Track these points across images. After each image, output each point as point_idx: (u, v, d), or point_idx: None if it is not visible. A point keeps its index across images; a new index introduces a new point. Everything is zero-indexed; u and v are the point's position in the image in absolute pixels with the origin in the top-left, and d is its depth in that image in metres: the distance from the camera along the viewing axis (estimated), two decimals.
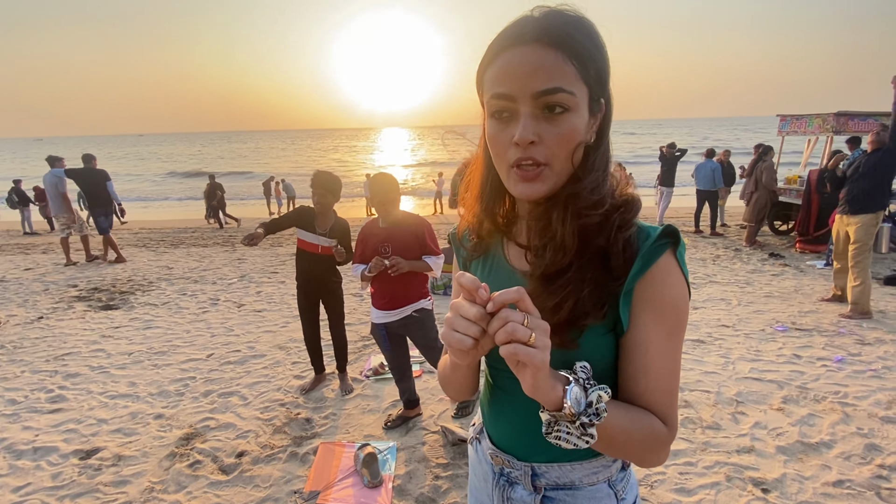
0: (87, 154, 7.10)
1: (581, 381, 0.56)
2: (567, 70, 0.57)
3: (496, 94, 0.60)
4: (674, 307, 0.62)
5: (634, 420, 0.61)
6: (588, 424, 0.54)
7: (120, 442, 2.62)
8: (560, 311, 0.60)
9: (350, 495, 2.14)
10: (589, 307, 0.61)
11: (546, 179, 0.61)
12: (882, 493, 2.04)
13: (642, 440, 0.61)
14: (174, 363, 3.66)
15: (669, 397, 0.63)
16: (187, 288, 5.84)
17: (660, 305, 0.61)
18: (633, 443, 0.60)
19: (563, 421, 0.55)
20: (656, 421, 0.62)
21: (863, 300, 4.08)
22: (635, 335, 0.62)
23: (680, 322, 0.63)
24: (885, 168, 4.02)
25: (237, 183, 24.90)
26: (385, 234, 2.46)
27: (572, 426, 0.55)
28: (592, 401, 0.55)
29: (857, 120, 6.43)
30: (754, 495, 2.07)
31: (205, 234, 10.73)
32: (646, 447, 0.61)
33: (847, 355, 3.39)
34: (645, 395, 0.63)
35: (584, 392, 0.56)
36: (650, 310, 0.61)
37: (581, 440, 0.55)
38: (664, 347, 0.62)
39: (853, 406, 2.74)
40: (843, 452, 2.33)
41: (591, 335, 0.63)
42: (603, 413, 0.55)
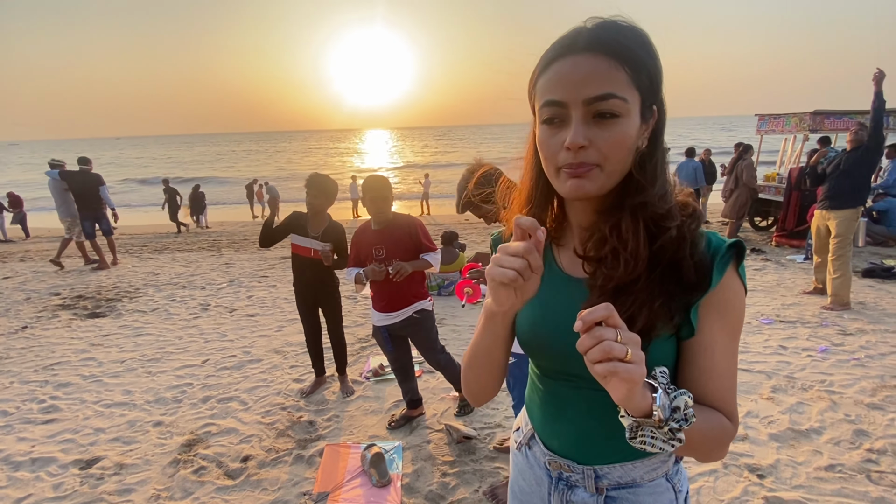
0: (83, 157, 7.00)
1: (663, 386, 0.58)
2: (619, 76, 0.59)
3: (548, 101, 0.62)
4: (737, 312, 0.65)
5: (709, 420, 0.63)
6: (677, 430, 0.56)
7: (120, 450, 2.58)
8: (634, 324, 0.62)
9: (360, 495, 2.15)
10: (661, 318, 0.63)
11: (595, 179, 0.62)
12: (872, 476, 2.14)
13: (715, 438, 0.64)
14: (169, 370, 3.61)
15: (732, 395, 0.67)
16: (176, 294, 5.74)
17: (724, 311, 0.65)
18: (707, 442, 0.63)
19: (649, 426, 0.56)
20: (724, 419, 0.66)
21: (843, 292, 4.25)
22: (702, 339, 0.65)
23: (740, 325, 0.66)
24: (864, 166, 4.17)
25: (219, 188, 24.47)
26: (378, 236, 2.47)
27: (659, 431, 0.56)
28: (679, 406, 0.56)
29: (832, 118, 6.69)
30: (751, 481, 2.15)
31: (188, 239, 10.55)
32: (717, 445, 0.65)
33: (830, 345, 3.53)
34: (712, 395, 0.66)
35: (668, 397, 0.57)
36: (716, 315, 0.65)
37: (667, 444, 0.56)
38: (727, 349, 0.65)
39: (839, 394, 2.86)
40: (832, 438, 2.44)
41: (658, 342, 0.65)
42: (692, 418, 0.56)
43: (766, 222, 8.17)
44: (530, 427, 0.85)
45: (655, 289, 0.63)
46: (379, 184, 2.44)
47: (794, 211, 6.73)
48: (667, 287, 0.64)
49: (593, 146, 0.60)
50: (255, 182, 16.08)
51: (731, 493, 2.07)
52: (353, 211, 14.71)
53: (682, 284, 0.64)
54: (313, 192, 2.83)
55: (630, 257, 0.63)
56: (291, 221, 2.93)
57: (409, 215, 2.57)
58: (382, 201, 2.42)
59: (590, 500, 0.76)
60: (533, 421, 0.85)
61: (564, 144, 0.61)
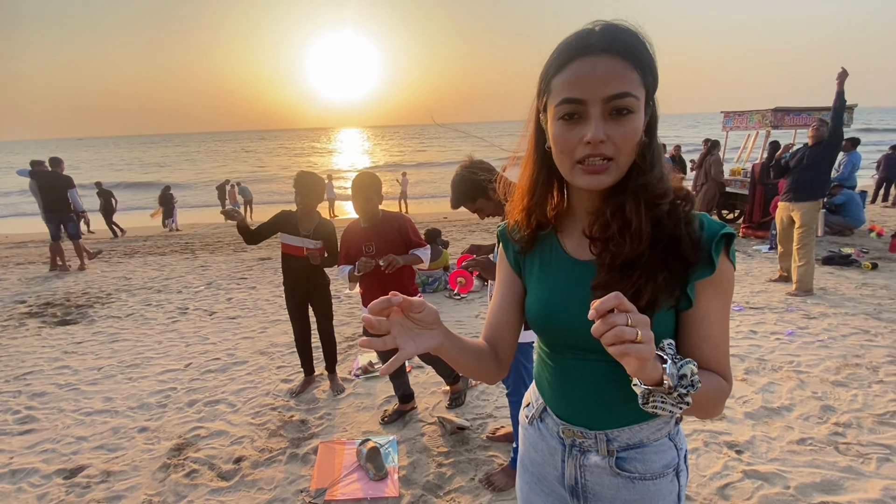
0: (54, 157, 6.81)
1: (671, 357, 0.63)
2: (633, 77, 0.66)
3: (568, 98, 0.67)
4: (729, 286, 0.73)
5: (710, 382, 0.70)
6: (685, 395, 0.62)
7: (105, 458, 2.52)
8: (641, 297, 0.68)
9: (358, 489, 2.17)
10: (664, 291, 0.70)
11: (611, 172, 0.69)
12: (840, 448, 2.30)
13: (715, 398, 0.72)
14: (150, 375, 3.52)
15: (727, 358, 0.75)
16: (151, 298, 5.58)
17: (718, 285, 0.72)
18: (708, 402, 0.70)
19: (660, 393, 0.62)
20: (721, 380, 0.73)
21: (807, 279, 4.50)
22: (699, 310, 0.72)
23: (731, 295, 0.74)
24: (825, 160, 4.42)
25: (193, 192, 23.69)
26: (368, 233, 2.48)
27: (668, 397, 0.62)
28: (686, 374, 0.62)
29: (792, 115, 7.03)
30: (730, 456, 2.28)
31: (159, 242, 10.22)
32: (716, 403, 0.72)
33: (797, 329, 3.74)
34: (709, 359, 0.73)
35: (676, 367, 0.62)
36: (711, 289, 0.72)
37: (676, 408, 0.62)
38: (721, 317, 0.73)
39: (806, 373, 3.04)
40: (802, 414, 2.60)
41: (660, 313, 0.72)
42: (698, 384, 0.62)
43: (733, 214, 8.53)
44: (542, 401, 0.91)
45: (658, 264, 0.70)
46: (368, 181, 2.44)
47: (759, 203, 7.06)
48: (667, 263, 0.71)
49: (610, 140, 0.67)
50: (227, 183, 15.70)
51: (712, 469, 2.19)
52: (329, 211, 14.54)
53: (680, 260, 0.71)
54: (302, 191, 2.82)
55: (635, 234, 0.70)
56: (280, 220, 2.91)
57: (397, 213, 2.59)
58: (370, 199, 2.42)
59: (602, 462, 0.82)
60: (544, 395, 0.91)
61: (585, 139, 0.67)
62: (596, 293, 0.71)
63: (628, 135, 0.67)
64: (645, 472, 0.81)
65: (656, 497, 0.82)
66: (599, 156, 0.67)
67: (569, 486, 0.87)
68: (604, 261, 0.73)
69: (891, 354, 3.23)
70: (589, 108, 0.66)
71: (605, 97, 0.65)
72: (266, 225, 2.94)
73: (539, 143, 0.79)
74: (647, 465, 0.81)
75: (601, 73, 0.65)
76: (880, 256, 5.70)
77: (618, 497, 0.83)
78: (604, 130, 0.66)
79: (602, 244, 0.74)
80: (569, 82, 0.67)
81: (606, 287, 0.71)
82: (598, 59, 0.65)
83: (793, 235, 4.59)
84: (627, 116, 0.66)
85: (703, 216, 0.74)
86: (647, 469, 0.81)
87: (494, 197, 1.89)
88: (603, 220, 0.73)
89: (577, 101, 0.66)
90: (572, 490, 0.87)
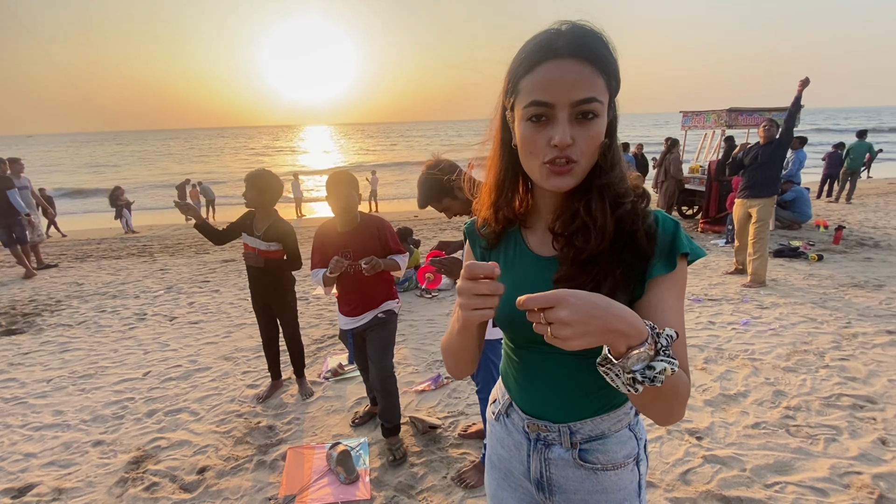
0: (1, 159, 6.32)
1: (660, 346, 0.60)
2: (598, 82, 0.67)
3: (536, 101, 0.68)
4: (682, 278, 0.75)
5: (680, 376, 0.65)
6: (638, 382, 0.59)
7: (56, 475, 2.38)
8: (600, 290, 0.69)
9: (329, 493, 2.14)
10: (621, 285, 0.72)
11: (575, 174, 0.71)
12: (791, 430, 2.43)
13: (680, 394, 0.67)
14: (105, 385, 3.35)
15: (684, 349, 0.71)
16: (105, 304, 5.30)
17: (672, 277, 0.74)
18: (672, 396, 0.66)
19: (617, 366, 0.60)
20: (683, 374, 0.67)
21: (761, 271, 4.75)
22: (652, 298, 0.73)
23: (684, 286, 0.76)
24: (777, 158, 4.68)
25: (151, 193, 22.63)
26: (345, 238, 2.32)
27: (623, 374, 0.60)
28: (655, 368, 0.59)
29: (745, 115, 7.38)
30: (691, 443, 2.38)
31: (114, 245, 9.73)
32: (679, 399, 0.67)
33: (751, 318, 3.94)
34: None
35: (655, 356, 0.60)
36: (667, 281, 0.73)
37: (623, 387, 0.61)
38: (676, 306, 0.74)
39: (760, 360, 3.20)
40: (756, 400, 2.74)
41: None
42: (657, 382, 0.59)
43: (692, 210, 8.87)
44: (507, 397, 0.93)
45: (616, 259, 0.73)
46: (346, 178, 2.27)
47: (715, 199, 7.38)
48: (625, 258, 0.73)
49: (576, 143, 0.68)
50: (187, 182, 15.09)
51: (675, 456, 2.28)
52: (296, 210, 14.23)
53: (637, 255, 0.73)
54: (248, 190, 2.69)
55: (599, 232, 0.72)
56: (242, 220, 2.81)
57: (377, 216, 2.42)
58: (351, 198, 2.26)
59: (566, 455, 0.84)
60: (510, 391, 0.92)
61: (552, 142, 0.68)
62: (558, 287, 0.72)
63: (592, 138, 0.69)
64: (607, 462, 0.83)
65: (617, 487, 0.84)
66: (565, 158, 0.68)
67: (534, 480, 0.89)
68: (567, 256, 0.75)
69: (835, 341, 3.44)
70: (557, 112, 0.67)
71: (573, 102, 0.67)
72: (233, 225, 2.83)
73: (505, 142, 0.80)
74: (608, 455, 0.83)
75: (570, 79, 0.66)
76: (825, 248, 6.07)
77: (581, 488, 0.85)
78: (570, 133, 0.67)
79: (565, 240, 0.76)
80: (538, 85, 0.68)
81: (568, 281, 0.73)
82: (566, 64, 0.66)
83: (749, 230, 4.83)
84: (592, 121, 0.68)
85: (657, 213, 0.77)
86: (608, 460, 0.83)
87: (460, 196, 1.90)
88: (567, 217, 0.75)
89: (546, 104, 0.67)
90: (538, 483, 0.88)
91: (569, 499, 0.87)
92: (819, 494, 1.99)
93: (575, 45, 0.66)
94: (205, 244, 9.17)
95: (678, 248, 0.74)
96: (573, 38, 0.67)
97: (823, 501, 1.95)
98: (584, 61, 0.66)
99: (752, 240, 4.76)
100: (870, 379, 2.89)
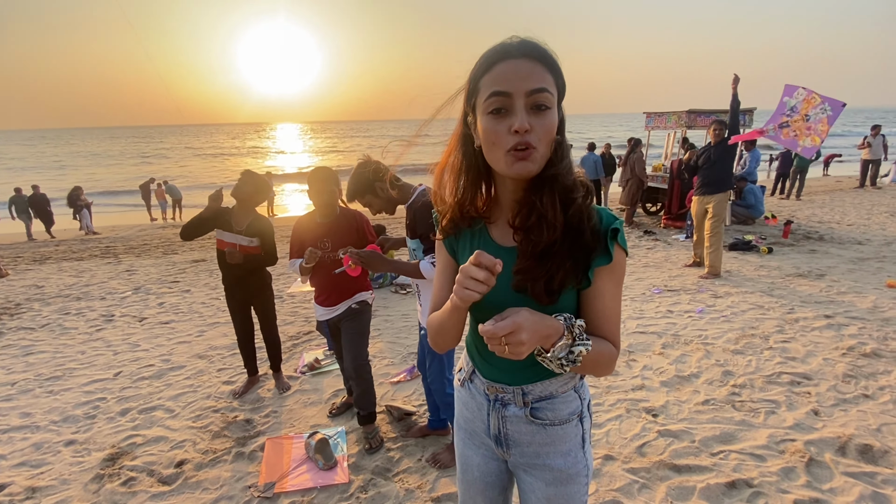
0: None
1: (575, 335, 0.81)
2: (548, 77, 0.79)
3: (496, 91, 0.78)
4: (621, 269, 0.88)
5: (599, 348, 0.85)
6: (564, 364, 0.81)
7: (28, 475, 2.36)
8: (553, 282, 0.83)
9: (308, 479, 2.21)
10: (570, 275, 0.84)
11: (535, 160, 0.80)
12: (736, 405, 2.66)
13: (603, 362, 0.87)
14: (74, 387, 3.30)
15: (618, 328, 0.91)
16: (70, 306, 5.16)
17: (612, 269, 0.87)
18: (597, 365, 0.86)
19: (546, 357, 0.81)
20: (610, 346, 0.88)
21: (717, 263, 5.07)
22: (595, 288, 0.87)
23: (623, 275, 0.89)
24: (728, 156, 5.01)
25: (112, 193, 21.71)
26: (324, 228, 2.40)
27: (553, 361, 0.81)
28: (574, 352, 0.80)
29: (703, 116, 7.78)
30: (647, 420, 2.57)
31: (74, 247, 9.40)
32: (602, 366, 0.88)
33: (705, 307, 4.21)
34: (602, 328, 0.89)
35: (573, 342, 0.80)
36: (606, 273, 0.87)
37: (558, 369, 0.83)
38: (614, 294, 0.88)
39: (712, 344, 3.45)
40: (707, 380, 2.97)
41: (566, 293, 0.86)
42: (578, 362, 0.81)
43: (655, 207, 9.27)
44: (471, 365, 1.05)
45: (566, 253, 0.84)
46: (328, 175, 2.34)
47: (677, 197, 7.75)
48: (573, 252, 0.85)
49: (533, 131, 0.78)
50: (151, 181, 14.62)
51: (633, 431, 2.46)
52: (268, 209, 14.01)
53: (583, 248, 0.85)
54: (245, 185, 2.75)
55: (550, 224, 0.82)
56: (216, 216, 2.82)
57: (355, 210, 2.49)
58: (333, 193, 2.35)
59: (519, 413, 0.98)
60: (473, 360, 1.05)
61: (513, 128, 0.77)
62: (517, 277, 0.86)
63: (547, 127, 0.79)
64: (554, 418, 0.97)
65: (564, 439, 0.98)
66: (525, 144, 0.78)
67: (493, 436, 1.02)
68: (525, 248, 0.86)
69: (779, 325, 3.73)
70: (514, 101, 0.77)
71: (528, 90, 0.77)
72: (205, 222, 2.81)
73: (467, 146, 0.89)
74: (556, 412, 0.97)
75: (524, 72, 0.77)
76: (775, 242, 6.49)
77: (533, 441, 0.98)
78: (528, 121, 0.77)
79: (523, 234, 0.86)
80: (495, 79, 0.78)
81: (526, 273, 0.85)
82: (519, 62, 0.78)
83: (706, 226, 5.14)
84: (545, 111, 0.79)
85: (601, 210, 0.88)
86: (555, 416, 0.97)
87: (382, 195, 2.07)
88: (525, 212, 0.85)
89: (504, 93, 0.77)
90: (496, 439, 1.01)
91: (523, 451, 1.00)
92: (757, 460, 2.20)
93: (526, 48, 0.79)
94: (172, 244, 8.98)
95: (615, 241, 0.85)
96: (523, 44, 0.79)
97: (761, 465, 2.16)
98: (535, 60, 0.78)
99: (709, 234, 5.07)
100: (807, 358, 3.17)
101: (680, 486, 2.06)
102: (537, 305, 0.84)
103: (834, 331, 3.57)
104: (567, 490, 0.99)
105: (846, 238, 6.57)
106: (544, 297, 0.83)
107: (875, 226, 7.32)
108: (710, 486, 2.04)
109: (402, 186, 2.10)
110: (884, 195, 10.42)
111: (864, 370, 2.98)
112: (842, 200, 9.89)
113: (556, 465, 0.98)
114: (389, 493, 2.11)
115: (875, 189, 11.49)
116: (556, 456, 0.98)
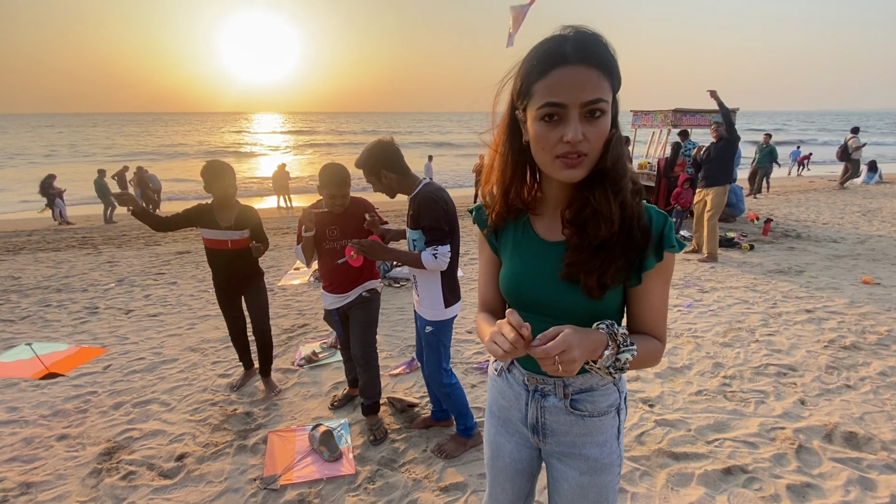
0: None
1: (619, 342, 0.82)
2: (604, 85, 0.77)
3: (550, 102, 0.77)
4: (670, 266, 0.90)
5: (645, 347, 0.88)
6: (613, 372, 0.82)
7: (21, 470, 2.30)
8: (605, 276, 0.84)
9: (314, 471, 2.21)
10: (621, 272, 0.86)
11: (585, 166, 0.80)
12: (727, 395, 2.76)
13: (650, 358, 0.90)
14: (62, 381, 3.20)
15: (664, 324, 0.94)
16: (50, 298, 4.99)
17: (661, 268, 0.88)
18: (643, 363, 0.90)
19: (594, 368, 0.83)
20: (657, 343, 0.92)
21: (714, 248, 5.61)
22: (644, 286, 0.89)
23: (671, 273, 0.91)
24: (728, 152, 5.49)
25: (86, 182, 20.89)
26: (332, 216, 2.39)
27: (600, 370, 0.83)
28: (621, 359, 0.81)
29: (688, 116, 7.96)
30: (644, 410, 2.65)
31: (48, 237, 9.07)
32: (649, 363, 0.92)
33: (693, 301, 4.34)
34: (648, 325, 0.92)
35: (618, 350, 0.82)
36: (656, 270, 0.88)
37: (606, 377, 0.84)
38: (662, 292, 0.90)
39: (701, 337, 3.56)
40: (698, 371, 3.07)
41: (613, 289, 0.88)
42: (625, 369, 0.82)
43: None
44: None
45: (619, 249, 0.85)
46: (344, 176, 2.31)
47: (664, 194, 7.92)
48: (624, 249, 0.86)
49: (585, 139, 0.78)
50: (125, 169, 14.13)
51: (631, 421, 2.53)
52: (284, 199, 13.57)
53: (633, 246, 0.86)
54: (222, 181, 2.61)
55: (608, 218, 0.83)
56: (195, 214, 2.68)
57: (362, 198, 2.48)
58: (343, 196, 2.32)
59: (559, 404, 1.00)
60: None
61: (565, 139, 0.78)
62: (570, 270, 0.87)
63: (600, 134, 0.79)
64: (593, 410, 0.99)
65: (601, 430, 1.01)
66: (576, 153, 0.79)
67: (531, 425, 1.04)
68: (577, 242, 0.86)
69: (763, 319, 3.87)
70: (569, 111, 0.77)
71: (583, 102, 0.76)
72: (180, 216, 2.69)
73: (515, 138, 0.89)
74: (595, 405, 0.99)
75: (580, 82, 0.76)
76: (756, 239, 6.70)
77: (570, 431, 1.01)
78: (581, 131, 0.77)
79: (577, 227, 0.86)
80: (550, 88, 0.77)
81: (578, 266, 0.86)
82: (576, 70, 0.76)
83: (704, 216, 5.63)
84: (599, 118, 0.78)
85: (649, 208, 0.88)
86: (595, 408, 0.99)
87: (384, 181, 2.09)
88: (577, 206, 0.85)
89: (559, 105, 0.77)
90: (533, 428, 1.04)
91: (559, 440, 1.03)
92: (750, 447, 2.30)
93: (582, 53, 0.76)
94: (153, 235, 8.75)
95: (666, 243, 0.86)
96: (579, 45, 0.76)
97: (754, 452, 2.26)
98: (592, 66, 0.76)
99: (707, 222, 5.59)
100: (791, 350, 3.31)
101: (679, 472, 2.14)
102: (584, 300, 0.86)
103: (815, 325, 3.73)
104: (600, 479, 1.02)
105: (822, 236, 6.83)
106: (595, 291, 0.85)
107: (849, 224, 7.63)
108: (708, 472, 2.13)
109: (408, 177, 2.10)
110: (855, 195, 10.85)
111: (844, 362, 3.12)
112: (816, 200, 10.26)
113: (592, 454, 1.01)
114: (397, 484, 2.13)
115: (842, 189, 11.95)
116: (592, 446, 1.00)
